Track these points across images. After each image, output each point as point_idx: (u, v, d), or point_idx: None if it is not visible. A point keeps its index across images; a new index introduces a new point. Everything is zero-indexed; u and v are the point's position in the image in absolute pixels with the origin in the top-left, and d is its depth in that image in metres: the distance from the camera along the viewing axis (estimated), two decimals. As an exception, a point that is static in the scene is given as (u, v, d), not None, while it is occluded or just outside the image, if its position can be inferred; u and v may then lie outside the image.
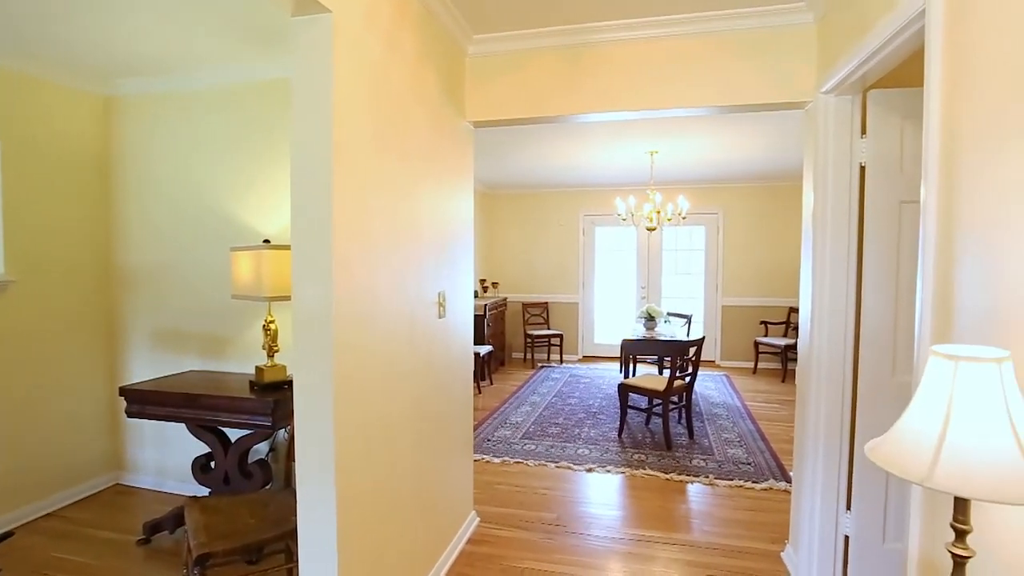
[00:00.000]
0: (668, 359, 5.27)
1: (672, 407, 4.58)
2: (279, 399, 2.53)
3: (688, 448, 4.27)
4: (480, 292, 7.68)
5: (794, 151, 5.43)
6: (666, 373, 5.78)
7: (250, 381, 2.81)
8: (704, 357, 7.03)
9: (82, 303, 3.32)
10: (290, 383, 2.59)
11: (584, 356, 8.32)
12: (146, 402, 2.69)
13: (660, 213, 5.61)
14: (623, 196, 7.17)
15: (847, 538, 2.28)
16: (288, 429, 2.62)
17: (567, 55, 2.64)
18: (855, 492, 2.23)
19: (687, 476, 3.70)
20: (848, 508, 2.28)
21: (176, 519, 2.80)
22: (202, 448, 3.06)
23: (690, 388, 4.52)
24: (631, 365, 6.57)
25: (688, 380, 4.49)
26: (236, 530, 2.00)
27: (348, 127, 1.66)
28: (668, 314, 6.43)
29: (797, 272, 2.49)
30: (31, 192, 3.02)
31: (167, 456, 3.39)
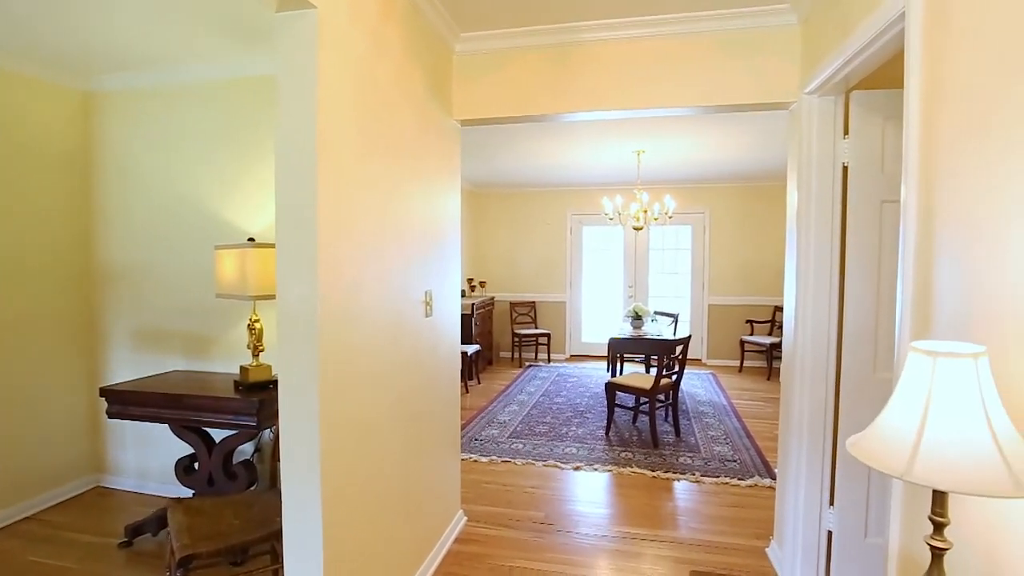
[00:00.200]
0: (655, 358, 5.30)
1: (659, 405, 4.61)
2: (264, 399, 2.51)
3: (675, 446, 4.30)
4: (468, 291, 7.67)
5: (779, 151, 5.49)
6: (653, 372, 5.82)
7: (235, 381, 2.78)
8: (690, 356, 7.07)
9: (61, 302, 3.26)
10: (276, 383, 2.56)
11: (572, 355, 8.34)
12: (128, 403, 2.65)
13: (647, 212, 5.64)
14: (610, 195, 7.19)
15: (830, 533, 2.31)
16: (273, 429, 2.59)
17: (555, 54, 2.65)
18: (838, 488, 2.26)
19: (674, 474, 3.73)
20: (831, 504, 2.31)
21: (159, 521, 2.76)
22: (186, 449, 3.02)
23: (677, 386, 4.55)
24: (618, 364, 6.60)
25: (675, 378, 4.53)
26: (220, 531, 1.98)
27: (333, 124, 1.65)
28: (655, 313, 6.47)
29: (782, 271, 2.51)
30: (6, 189, 2.96)
31: (149, 457, 3.34)
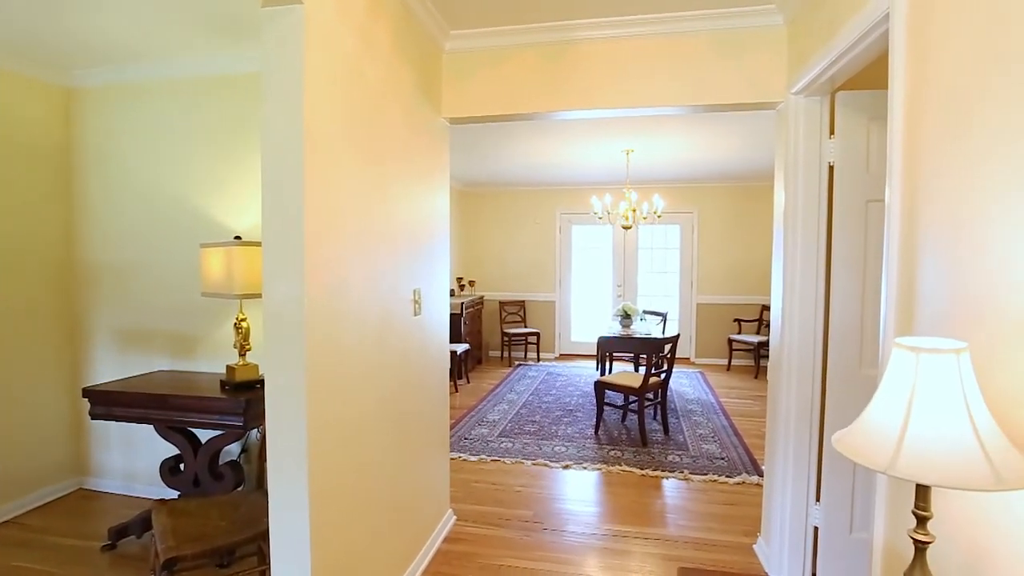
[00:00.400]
0: (644, 357, 5.33)
1: (648, 404, 4.63)
2: (251, 399, 2.48)
3: (663, 444, 4.32)
4: (457, 290, 7.66)
5: (767, 152, 5.53)
6: (642, 370, 5.84)
7: (221, 381, 2.75)
8: (679, 355, 7.11)
9: (42, 301, 3.20)
10: (263, 382, 2.53)
11: (561, 354, 8.35)
12: (112, 403, 2.61)
13: (636, 212, 5.66)
14: (599, 194, 7.20)
15: (816, 529, 2.34)
16: (261, 429, 2.57)
17: (544, 52, 2.65)
18: (824, 484, 2.29)
19: (662, 472, 3.75)
20: (817, 500, 2.33)
21: (143, 523, 2.72)
22: (171, 450, 2.98)
23: (665, 385, 4.58)
24: (607, 363, 6.62)
25: (663, 377, 4.55)
26: (206, 533, 1.96)
27: (320, 122, 1.64)
28: (644, 312, 6.50)
29: (770, 270, 2.53)
30: (-12, 186, 2.91)
31: (134, 459, 3.29)
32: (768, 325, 6.72)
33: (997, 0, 1.06)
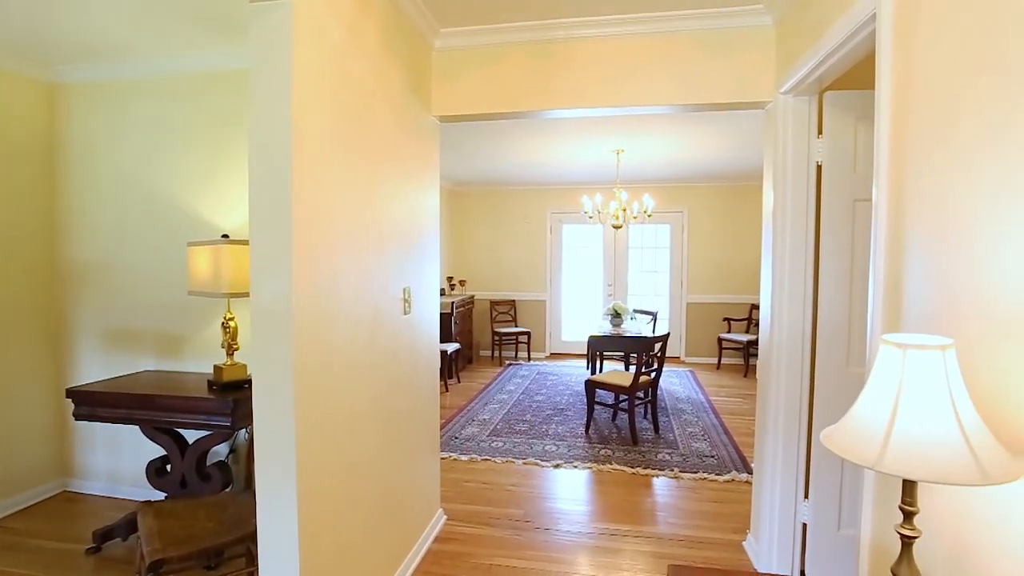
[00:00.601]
0: (634, 356, 5.35)
1: (638, 403, 4.64)
2: (239, 398, 2.46)
3: (654, 443, 4.34)
4: (447, 290, 7.64)
5: (756, 151, 5.57)
6: (632, 369, 5.86)
7: (208, 380, 2.72)
8: (669, 353, 7.13)
9: (25, 300, 3.15)
10: (251, 382, 2.52)
11: (552, 353, 8.36)
12: (96, 404, 2.57)
13: (626, 211, 5.67)
14: (590, 194, 7.22)
15: (805, 525, 2.36)
16: (249, 429, 2.55)
17: (534, 51, 2.64)
18: (812, 481, 2.30)
19: (652, 470, 3.76)
20: (806, 497, 2.35)
21: (129, 526, 2.69)
22: (157, 451, 2.94)
23: (655, 384, 4.59)
24: (598, 362, 6.63)
25: (653, 376, 4.57)
26: (192, 535, 1.94)
27: (309, 119, 1.62)
28: (634, 311, 6.52)
29: (759, 269, 2.55)
30: (-32, 184, 2.86)
31: (120, 460, 3.25)
32: (757, 324, 6.76)
33: (983, 1, 1.07)
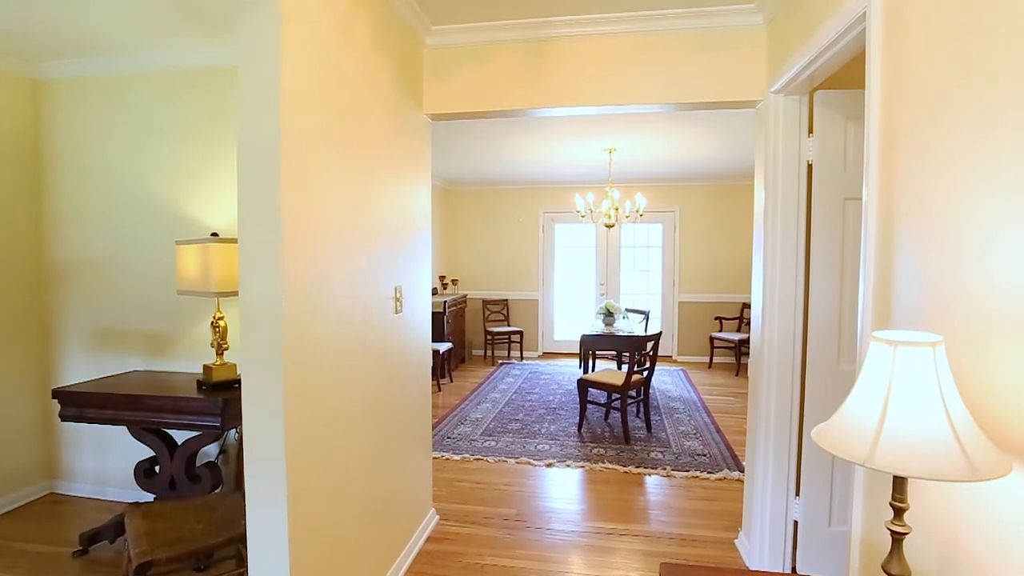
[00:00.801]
0: (626, 355, 5.35)
1: (630, 402, 4.65)
2: (229, 398, 2.43)
3: (646, 441, 4.35)
4: (440, 289, 7.62)
5: (748, 151, 5.60)
6: (624, 368, 5.87)
7: (198, 380, 2.70)
8: (661, 352, 7.17)
9: (10, 299, 3.10)
10: (240, 382, 2.50)
11: (544, 353, 8.36)
12: (83, 404, 2.54)
13: (618, 210, 5.68)
14: (582, 193, 7.24)
15: (796, 523, 2.37)
16: (239, 430, 2.52)
17: (527, 49, 2.64)
18: (803, 479, 2.31)
19: (645, 469, 3.77)
20: (797, 494, 2.36)
21: (117, 528, 2.65)
22: (146, 452, 2.91)
23: (648, 383, 4.60)
24: (590, 361, 6.64)
25: (646, 375, 4.57)
26: (181, 537, 1.91)
27: (298, 116, 1.61)
28: (626, 310, 6.52)
29: (750, 268, 2.56)
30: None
31: (107, 461, 3.21)
32: (749, 323, 6.77)
33: (970, 2, 1.07)
